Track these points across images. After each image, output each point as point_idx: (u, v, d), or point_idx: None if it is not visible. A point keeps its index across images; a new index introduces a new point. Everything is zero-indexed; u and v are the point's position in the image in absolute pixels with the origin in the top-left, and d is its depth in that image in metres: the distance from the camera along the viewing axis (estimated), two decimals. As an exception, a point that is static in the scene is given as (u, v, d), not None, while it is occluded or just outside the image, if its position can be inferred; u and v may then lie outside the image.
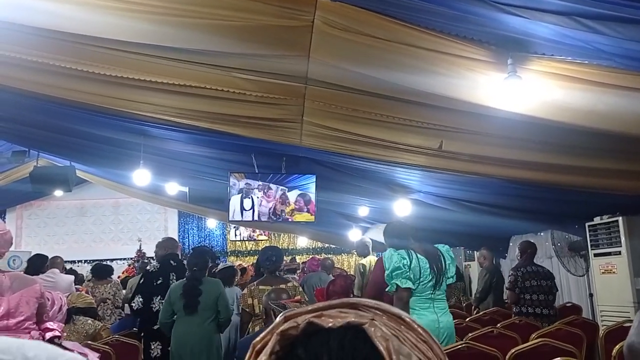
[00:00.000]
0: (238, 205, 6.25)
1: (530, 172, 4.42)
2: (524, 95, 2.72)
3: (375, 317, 0.56)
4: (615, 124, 3.06)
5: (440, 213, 6.85)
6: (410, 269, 3.54)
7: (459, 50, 2.62)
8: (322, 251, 14.59)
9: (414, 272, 3.54)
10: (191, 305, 4.29)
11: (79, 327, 4.21)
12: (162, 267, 4.80)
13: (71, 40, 3.21)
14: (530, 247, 5.69)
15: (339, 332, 0.55)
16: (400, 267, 3.52)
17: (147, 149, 5.83)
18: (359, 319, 0.55)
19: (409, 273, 3.53)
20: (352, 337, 0.54)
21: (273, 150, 5.58)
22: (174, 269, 4.77)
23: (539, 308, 5.27)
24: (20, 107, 4.94)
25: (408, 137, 4.25)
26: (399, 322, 0.57)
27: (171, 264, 4.81)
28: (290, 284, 4.52)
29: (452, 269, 3.73)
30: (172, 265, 4.80)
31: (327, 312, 0.57)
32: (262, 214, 6.29)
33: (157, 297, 4.59)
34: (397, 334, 0.55)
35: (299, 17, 2.65)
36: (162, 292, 4.54)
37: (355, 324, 0.55)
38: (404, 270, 3.52)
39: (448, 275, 3.68)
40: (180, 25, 2.91)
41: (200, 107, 4.19)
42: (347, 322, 0.55)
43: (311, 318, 0.56)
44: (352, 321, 0.55)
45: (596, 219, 5.49)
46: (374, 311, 0.58)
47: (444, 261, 3.66)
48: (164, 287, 4.58)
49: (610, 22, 2.12)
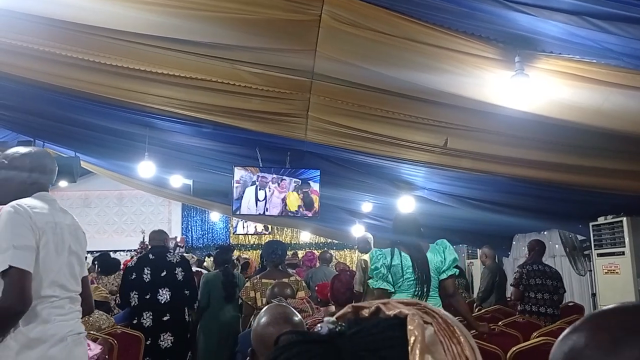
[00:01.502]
0: (253, 198, 6.25)
1: (535, 170, 4.40)
2: (530, 93, 2.71)
3: (433, 322, 0.59)
4: (622, 123, 3.05)
5: (444, 210, 6.84)
6: (389, 268, 3.57)
7: (466, 47, 2.61)
8: (324, 246, 14.58)
9: (395, 271, 3.57)
10: (230, 295, 5.27)
11: (92, 321, 4.20)
12: (139, 261, 4.96)
13: (78, 30, 3.21)
14: (537, 245, 5.67)
15: (388, 320, 0.59)
16: (377, 267, 3.59)
17: (152, 140, 5.84)
18: (410, 312, 0.59)
19: (387, 274, 3.57)
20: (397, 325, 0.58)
21: (277, 144, 5.57)
22: (149, 263, 4.86)
23: (543, 307, 5.26)
24: (25, 97, 4.95)
25: (413, 134, 4.24)
26: (453, 333, 0.59)
27: (149, 257, 4.92)
28: (292, 278, 4.55)
29: (446, 264, 3.67)
30: (148, 260, 4.90)
31: (394, 304, 0.62)
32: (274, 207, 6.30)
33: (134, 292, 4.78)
34: (443, 341, 0.57)
35: (306, 11, 2.64)
36: (137, 285, 4.77)
37: (404, 315, 0.58)
38: (380, 271, 3.58)
39: (440, 272, 3.66)
40: (187, 18, 2.90)
41: (205, 99, 4.19)
42: (399, 312, 0.59)
43: (380, 304, 0.62)
44: (403, 312, 0.59)
45: (600, 219, 5.48)
46: (437, 317, 0.61)
47: (426, 260, 3.65)
48: (137, 281, 4.78)
49: (619, 22, 2.11)
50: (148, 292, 4.75)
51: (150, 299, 4.74)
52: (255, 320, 1.86)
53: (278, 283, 3.57)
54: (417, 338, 0.54)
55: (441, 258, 3.68)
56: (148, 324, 4.68)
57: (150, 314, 4.71)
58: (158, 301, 4.74)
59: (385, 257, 3.61)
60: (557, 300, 5.37)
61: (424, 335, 0.55)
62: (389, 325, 0.58)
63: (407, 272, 3.57)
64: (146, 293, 4.74)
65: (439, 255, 3.69)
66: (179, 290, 4.86)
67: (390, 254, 3.62)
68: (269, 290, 3.16)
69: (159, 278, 4.80)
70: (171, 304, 4.78)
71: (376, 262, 3.61)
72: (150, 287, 4.77)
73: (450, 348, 0.57)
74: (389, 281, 3.57)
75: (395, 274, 3.57)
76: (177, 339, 4.76)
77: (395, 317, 0.58)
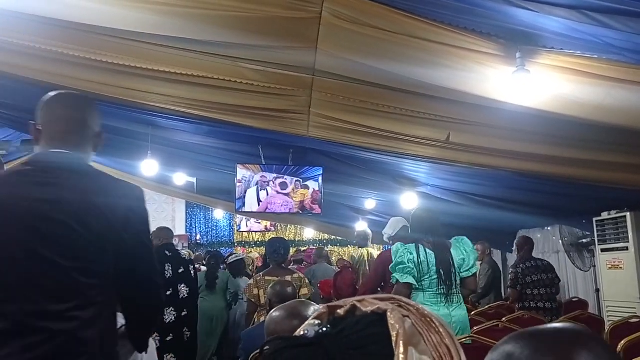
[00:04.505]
0: (255, 197, 6.27)
1: (538, 164, 4.39)
2: (532, 88, 2.71)
3: (410, 314, 0.61)
4: (624, 118, 3.04)
5: (447, 206, 6.83)
6: (416, 264, 3.54)
7: (467, 43, 2.61)
8: (328, 243, 14.60)
9: (422, 268, 3.55)
10: (211, 285, 6.08)
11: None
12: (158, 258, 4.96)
13: (80, 29, 3.22)
14: (527, 242, 5.71)
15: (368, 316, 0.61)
16: (404, 262, 3.54)
17: (155, 139, 5.86)
18: (387, 307, 0.60)
19: (414, 269, 3.54)
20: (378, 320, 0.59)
21: (280, 141, 5.58)
22: (169, 259, 4.88)
23: (541, 302, 5.28)
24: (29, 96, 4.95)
25: (415, 129, 4.23)
26: (430, 323, 0.61)
27: (166, 254, 4.93)
28: (295, 275, 4.56)
29: (469, 262, 3.70)
30: (167, 256, 4.91)
31: (370, 301, 0.63)
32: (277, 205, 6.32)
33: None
34: (422, 332, 0.59)
35: (306, 8, 2.64)
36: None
37: (383, 310, 0.60)
38: (407, 265, 3.53)
39: (463, 269, 3.67)
40: (188, 17, 2.91)
41: (207, 97, 4.20)
42: (377, 307, 0.60)
43: (355, 302, 0.63)
44: (381, 307, 0.60)
45: (604, 214, 5.46)
46: (412, 309, 0.62)
47: (451, 256, 3.65)
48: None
49: (621, 17, 2.10)
50: (170, 288, 4.81)
51: (172, 295, 4.80)
52: (268, 315, 1.86)
53: (280, 281, 3.58)
54: (399, 331, 0.56)
55: (463, 255, 3.69)
56: (170, 319, 4.74)
57: (172, 309, 4.78)
58: (178, 297, 4.81)
59: (411, 252, 3.58)
60: (554, 292, 5.40)
61: (405, 328, 0.56)
62: (370, 322, 0.59)
63: (433, 269, 3.57)
64: (168, 289, 4.79)
65: (460, 252, 3.70)
66: (194, 286, 5.06)
67: (415, 250, 3.60)
68: (270, 288, 3.16)
69: (178, 274, 4.89)
70: (188, 300, 4.93)
71: (402, 257, 3.56)
72: (172, 283, 4.84)
73: (430, 338, 0.59)
74: (414, 276, 3.54)
75: (421, 270, 3.55)
76: (192, 334, 4.92)
77: (375, 313, 0.60)
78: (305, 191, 6.30)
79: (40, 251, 1.50)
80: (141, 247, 1.67)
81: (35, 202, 1.54)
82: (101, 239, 1.55)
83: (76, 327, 1.48)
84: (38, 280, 1.49)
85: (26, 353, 1.43)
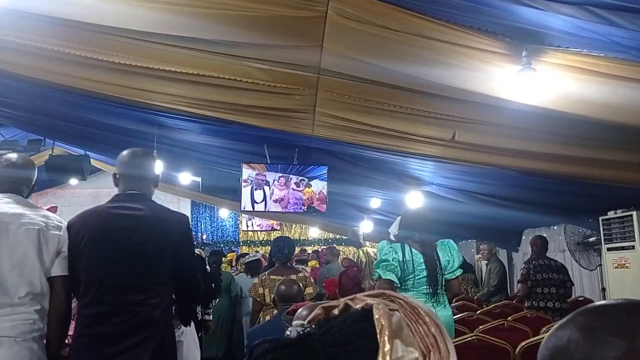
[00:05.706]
0: (260, 196, 6.28)
1: (544, 163, 4.38)
2: (538, 87, 2.70)
3: (400, 308, 0.63)
4: (630, 116, 3.02)
5: (453, 205, 6.82)
6: (401, 263, 3.58)
7: (473, 42, 2.60)
8: (333, 242, 14.58)
9: (406, 267, 3.57)
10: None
11: None
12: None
13: (86, 29, 3.24)
14: (539, 239, 5.68)
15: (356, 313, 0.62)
16: (388, 259, 3.58)
17: (161, 138, 5.87)
18: (375, 302, 0.62)
19: (397, 267, 3.57)
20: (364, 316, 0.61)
21: (285, 140, 5.58)
22: None
23: (550, 302, 5.24)
24: (35, 96, 4.98)
25: (421, 128, 4.23)
26: (418, 315, 0.62)
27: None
28: (301, 274, 4.56)
29: (453, 264, 3.72)
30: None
31: (360, 298, 0.65)
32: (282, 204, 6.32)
33: None
34: (410, 324, 0.60)
35: (312, 7, 2.64)
36: None
37: (370, 306, 0.61)
38: (391, 263, 3.57)
39: (447, 271, 3.69)
40: (194, 16, 2.92)
41: (212, 96, 4.20)
42: (365, 304, 0.62)
43: (347, 301, 0.66)
44: (369, 303, 0.62)
45: (610, 213, 5.43)
46: (400, 302, 0.64)
47: (438, 258, 3.67)
48: None
49: (628, 14, 2.09)
50: None
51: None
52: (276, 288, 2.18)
53: (285, 280, 3.58)
54: (384, 325, 0.57)
55: (448, 257, 3.71)
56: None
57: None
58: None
59: (396, 251, 3.62)
60: (564, 294, 5.35)
61: (391, 322, 0.58)
62: (356, 319, 0.61)
63: (418, 269, 3.58)
64: None
65: (446, 254, 3.73)
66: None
67: (400, 249, 3.63)
68: (276, 288, 3.17)
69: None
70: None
71: (387, 255, 3.61)
72: None
73: (418, 329, 0.60)
74: (397, 274, 3.58)
75: (405, 269, 3.58)
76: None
77: (362, 309, 0.62)
78: (310, 190, 6.30)
79: (127, 262, 2.26)
80: (189, 257, 2.46)
81: (122, 230, 2.29)
82: (164, 253, 2.31)
83: (149, 310, 2.24)
84: (126, 280, 2.25)
85: (118, 326, 2.19)
